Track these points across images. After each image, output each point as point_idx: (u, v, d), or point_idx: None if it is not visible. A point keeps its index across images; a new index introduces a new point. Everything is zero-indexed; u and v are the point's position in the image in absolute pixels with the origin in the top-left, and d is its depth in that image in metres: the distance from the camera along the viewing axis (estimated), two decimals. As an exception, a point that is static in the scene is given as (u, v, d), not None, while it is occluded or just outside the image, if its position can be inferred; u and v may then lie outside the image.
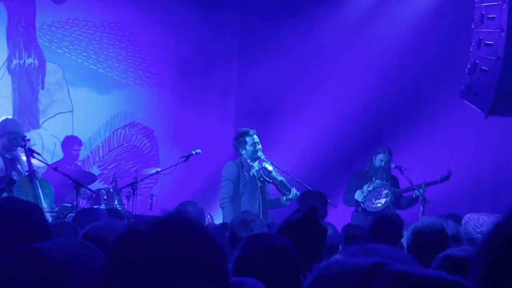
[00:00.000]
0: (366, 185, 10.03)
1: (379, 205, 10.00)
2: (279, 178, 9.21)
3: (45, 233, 2.49)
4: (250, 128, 9.24)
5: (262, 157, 9.40)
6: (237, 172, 9.08)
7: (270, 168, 9.24)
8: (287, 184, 9.20)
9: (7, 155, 8.32)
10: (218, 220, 9.38)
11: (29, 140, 8.67)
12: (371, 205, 9.98)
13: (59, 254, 1.93)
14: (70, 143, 10.11)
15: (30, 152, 8.55)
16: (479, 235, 4.26)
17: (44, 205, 8.00)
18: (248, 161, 9.16)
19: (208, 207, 9.55)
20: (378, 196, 10.04)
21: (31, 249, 1.94)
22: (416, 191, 10.04)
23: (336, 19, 11.70)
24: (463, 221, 4.43)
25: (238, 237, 4.64)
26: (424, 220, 4.05)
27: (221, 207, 9.15)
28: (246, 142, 9.14)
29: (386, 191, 10.04)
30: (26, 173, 8.21)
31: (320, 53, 11.83)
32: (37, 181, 8.15)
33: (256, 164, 9.20)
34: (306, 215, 3.57)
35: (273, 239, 3.08)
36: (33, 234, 2.22)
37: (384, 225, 5.51)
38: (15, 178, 8.01)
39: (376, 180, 10.09)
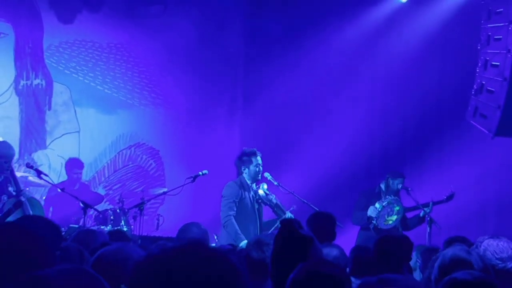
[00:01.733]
0: (378, 201, 9.99)
1: (390, 222, 9.97)
2: (275, 201, 9.24)
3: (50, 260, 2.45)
4: (254, 149, 9.26)
5: (269, 178, 9.43)
6: (237, 192, 9.09)
7: (261, 192, 9.26)
8: (282, 207, 9.23)
9: None
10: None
11: (31, 166, 8.70)
12: (383, 222, 9.94)
13: (61, 283, 1.91)
14: (71, 166, 10.10)
15: (38, 173, 8.54)
16: (499, 262, 4.22)
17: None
18: (248, 181, 9.18)
19: (215, 228, 9.52)
20: (391, 213, 10.01)
21: (33, 277, 1.93)
22: (423, 210, 10.02)
23: (341, 41, 11.71)
24: (481, 247, 4.36)
25: (252, 258, 4.62)
26: (450, 255, 3.93)
27: (224, 226, 9.13)
28: (251, 162, 9.15)
29: (398, 208, 10.01)
30: (14, 193, 8.15)
31: (325, 74, 11.84)
32: (25, 201, 8.08)
33: (255, 186, 9.22)
34: (285, 233, 3.53)
35: (329, 267, 3.09)
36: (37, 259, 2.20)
37: (389, 246, 5.45)
38: (22, 199, 7.98)
39: (388, 196, 10.06)
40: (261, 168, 9.17)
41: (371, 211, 9.98)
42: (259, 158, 9.19)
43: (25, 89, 10.76)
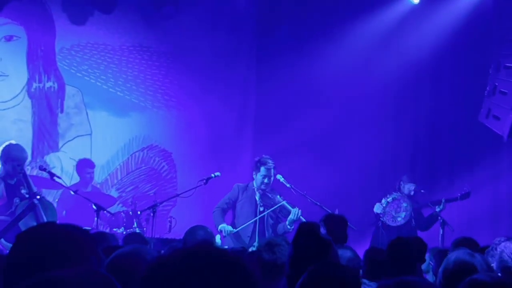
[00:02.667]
0: (384, 198, 9.99)
1: (399, 219, 9.94)
2: (281, 202, 9.28)
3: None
4: (271, 160, 9.35)
5: (282, 180, 9.48)
6: (236, 196, 9.32)
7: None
8: (288, 206, 9.25)
9: (9, 181, 8.30)
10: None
11: (45, 168, 8.75)
12: (391, 219, 9.91)
13: (75, 284, 1.91)
14: (83, 166, 10.15)
15: (51, 175, 8.59)
16: None
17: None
18: (255, 186, 9.32)
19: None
20: (398, 209, 9.99)
21: (46, 278, 1.93)
22: (436, 208, 10.01)
23: (354, 42, 11.69)
24: (498, 249, 4.34)
25: (263, 259, 4.63)
26: (454, 258, 3.93)
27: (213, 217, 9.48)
28: (259, 170, 9.35)
29: (405, 204, 9.99)
30: (27, 196, 8.18)
31: (338, 75, 11.80)
32: (38, 204, 8.11)
33: (279, 198, 9.37)
34: (305, 236, 3.53)
35: (340, 270, 3.09)
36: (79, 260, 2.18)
37: (402, 248, 5.43)
38: (35, 202, 8.00)
39: (394, 192, 10.06)
40: (267, 180, 9.29)
41: (376, 208, 10.00)
42: (268, 169, 9.29)
43: (38, 92, 10.80)
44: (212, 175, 9.35)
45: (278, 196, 9.43)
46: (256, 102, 12.54)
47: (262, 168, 9.34)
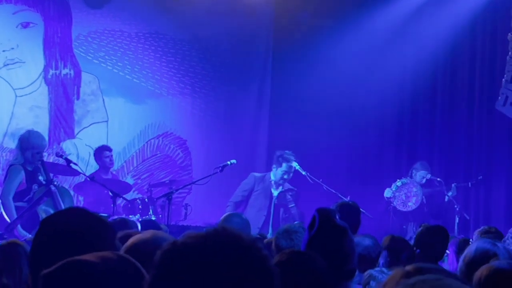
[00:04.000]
0: (394, 182, 9.99)
1: (410, 204, 9.92)
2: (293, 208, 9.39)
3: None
4: (293, 156, 9.40)
5: (297, 167, 9.51)
6: (252, 186, 9.38)
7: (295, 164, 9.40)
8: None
9: (28, 168, 8.36)
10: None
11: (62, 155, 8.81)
12: (401, 204, 9.88)
13: (100, 267, 1.92)
14: (100, 151, 10.14)
15: (67, 162, 8.64)
16: None
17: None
18: (272, 179, 9.38)
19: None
20: (409, 194, 9.97)
21: (73, 261, 1.94)
22: (446, 195, 9.98)
23: (369, 35, 11.61)
24: (510, 237, 4.31)
25: (280, 246, 4.65)
26: (476, 247, 3.91)
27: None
28: (280, 165, 9.41)
29: (415, 189, 9.96)
30: (44, 182, 8.24)
31: (355, 68, 11.74)
32: (56, 190, 8.16)
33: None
34: (321, 223, 3.51)
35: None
36: (99, 248, 2.19)
37: (431, 238, 5.44)
38: (52, 189, 8.05)
39: (404, 178, 10.05)
40: (286, 176, 9.38)
41: (386, 192, 10.00)
42: (289, 166, 9.34)
43: (54, 78, 10.82)
44: (228, 162, 9.37)
45: (293, 205, 9.53)
46: (272, 89, 12.51)
47: (284, 165, 9.45)
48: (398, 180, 10.06)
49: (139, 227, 6.26)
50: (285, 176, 9.45)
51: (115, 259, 2.01)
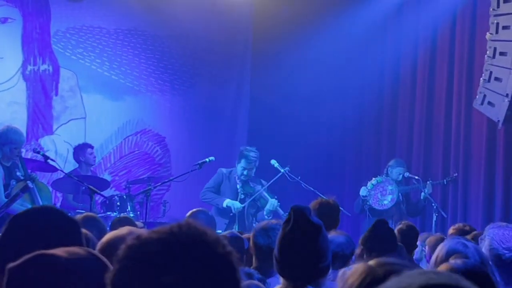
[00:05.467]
0: (370, 181, 10.03)
1: (385, 202, 9.96)
2: (259, 191, 9.41)
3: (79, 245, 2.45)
4: (254, 151, 9.46)
5: (276, 165, 9.54)
6: (221, 180, 9.46)
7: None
8: (267, 195, 9.39)
9: (5, 163, 8.32)
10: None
11: (39, 151, 8.77)
12: (376, 202, 9.93)
13: (66, 261, 1.92)
14: (83, 148, 10.08)
15: (45, 158, 8.61)
16: (506, 251, 4.18)
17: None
18: (237, 174, 9.45)
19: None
20: (384, 192, 10.01)
21: (39, 254, 1.94)
22: (422, 192, 10.02)
23: (348, 33, 11.64)
24: (487, 236, 4.31)
25: (257, 243, 4.65)
26: (447, 248, 3.93)
27: (202, 199, 9.65)
28: (240, 161, 9.50)
29: (391, 187, 10.00)
30: (22, 178, 8.20)
31: (333, 64, 11.78)
32: (33, 186, 8.14)
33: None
34: (296, 220, 3.52)
35: None
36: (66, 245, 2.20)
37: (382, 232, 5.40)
38: (29, 185, 8.01)
39: (379, 176, 10.09)
40: (246, 172, 9.48)
41: (362, 191, 10.03)
42: (248, 162, 9.44)
43: (32, 74, 10.77)
44: (207, 159, 9.37)
45: (260, 186, 9.55)
46: (251, 86, 12.52)
47: (243, 160, 9.54)
48: (373, 178, 10.10)
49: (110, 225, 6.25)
50: (245, 172, 9.51)
51: (83, 255, 2.01)
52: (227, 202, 9.44)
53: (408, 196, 10.31)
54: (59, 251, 1.99)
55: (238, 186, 9.58)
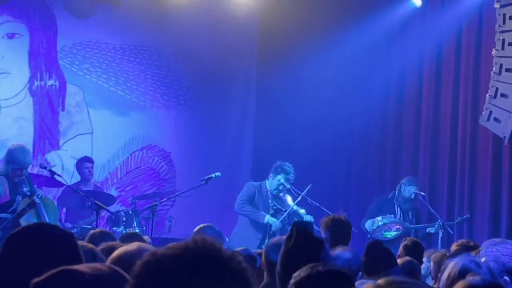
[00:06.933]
0: (380, 218, 9.97)
1: (388, 236, 9.90)
2: (294, 208, 9.34)
3: (77, 259, 2.48)
4: (293, 170, 9.40)
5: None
6: (253, 193, 9.34)
7: (289, 199, 9.41)
8: (300, 212, 9.32)
9: (12, 179, 8.30)
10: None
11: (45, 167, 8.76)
12: (380, 236, 9.89)
13: (90, 276, 1.94)
14: (81, 162, 10.16)
15: (52, 174, 8.60)
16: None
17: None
18: (268, 188, 9.37)
19: (225, 230, 9.54)
20: (388, 230, 9.98)
21: (63, 270, 1.96)
22: (430, 228, 9.97)
23: (354, 47, 11.64)
24: (490, 254, 4.28)
25: (269, 259, 4.63)
26: (460, 267, 3.91)
27: (239, 211, 9.49)
28: (277, 175, 9.38)
29: (397, 227, 9.97)
30: (28, 193, 8.18)
31: (338, 77, 11.81)
32: (40, 202, 8.12)
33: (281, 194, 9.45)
34: (298, 235, 3.53)
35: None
36: (65, 260, 2.22)
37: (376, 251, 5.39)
38: (36, 201, 8.00)
39: (391, 215, 10.02)
40: (282, 187, 9.36)
41: (368, 225, 9.97)
42: (287, 179, 9.37)
43: (39, 89, 10.80)
44: (213, 175, 9.35)
45: (290, 199, 9.51)
46: (256, 101, 12.54)
47: (282, 175, 9.43)
48: (381, 217, 9.99)
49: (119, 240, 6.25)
50: (281, 188, 9.46)
51: (106, 271, 2.03)
52: (267, 218, 9.37)
53: (417, 232, 10.20)
54: (83, 267, 2.01)
55: (269, 200, 9.53)
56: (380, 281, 2.13)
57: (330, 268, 3.03)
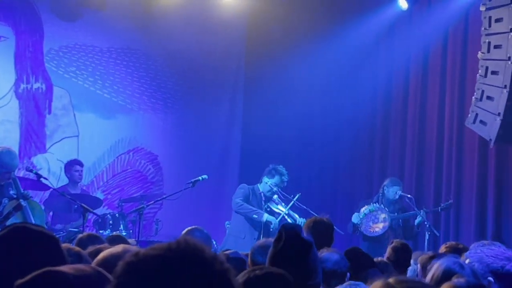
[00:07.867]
0: (363, 208, 10.01)
1: (377, 229, 9.94)
2: (287, 211, 9.37)
3: (61, 261, 2.47)
4: (285, 172, 9.44)
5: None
6: (248, 195, 9.37)
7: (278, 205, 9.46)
8: (293, 214, 9.35)
9: None
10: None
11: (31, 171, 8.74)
12: (368, 229, 9.92)
13: (74, 277, 1.94)
14: (71, 164, 10.12)
15: (38, 177, 8.57)
16: (506, 262, 4.18)
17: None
18: (260, 190, 9.40)
19: (213, 233, 9.53)
20: (375, 220, 9.99)
21: (47, 271, 1.95)
22: (417, 218, 9.99)
23: (341, 51, 11.68)
24: (475, 255, 4.29)
25: (255, 261, 4.63)
26: (444, 268, 3.93)
27: (238, 210, 9.48)
28: (273, 178, 9.43)
29: (383, 216, 9.99)
30: (14, 196, 8.16)
31: (327, 78, 11.85)
32: (26, 203, 8.09)
33: (276, 197, 9.50)
34: (287, 238, 3.53)
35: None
36: (48, 262, 2.22)
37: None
38: (22, 204, 7.97)
39: (374, 204, 10.06)
40: (275, 189, 9.41)
41: (354, 218, 10.03)
42: (282, 181, 9.47)
43: (25, 92, 10.76)
44: (200, 177, 9.35)
45: (283, 204, 9.54)
46: (244, 104, 12.54)
47: (277, 177, 9.49)
48: (366, 206, 10.05)
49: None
50: (274, 189, 9.50)
51: (89, 272, 2.03)
52: (266, 217, 9.41)
53: (407, 222, 10.24)
54: (66, 268, 2.01)
55: (262, 202, 9.57)
56: (391, 280, 2.15)
57: (268, 271, 3.04)
